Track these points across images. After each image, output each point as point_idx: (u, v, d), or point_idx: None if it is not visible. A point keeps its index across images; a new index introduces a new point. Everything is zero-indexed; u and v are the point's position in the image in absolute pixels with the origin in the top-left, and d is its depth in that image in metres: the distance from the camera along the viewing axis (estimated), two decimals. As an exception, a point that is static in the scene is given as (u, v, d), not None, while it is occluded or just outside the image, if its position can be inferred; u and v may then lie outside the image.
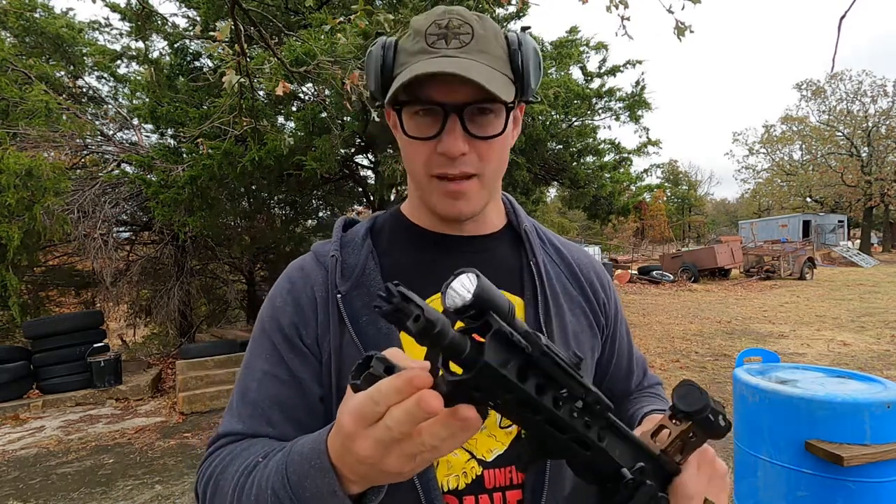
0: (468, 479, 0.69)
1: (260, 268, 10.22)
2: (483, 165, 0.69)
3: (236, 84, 3.26)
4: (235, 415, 0.69)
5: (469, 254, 0.77)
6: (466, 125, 0.66)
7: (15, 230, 5.45)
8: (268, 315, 0.74)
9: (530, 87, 0.71)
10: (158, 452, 4.55)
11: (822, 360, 6.52)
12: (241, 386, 0.71)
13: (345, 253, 0.75)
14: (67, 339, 6.23)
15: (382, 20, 3.19)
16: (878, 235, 34.63)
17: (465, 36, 0.66)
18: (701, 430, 0.55)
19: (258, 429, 0.67)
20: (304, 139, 5.81)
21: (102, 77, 8.74)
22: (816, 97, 35.16)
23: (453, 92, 0.65)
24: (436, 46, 0.66)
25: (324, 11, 6.10)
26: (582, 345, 0.79)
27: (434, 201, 0.72)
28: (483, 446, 0.70)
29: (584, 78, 8.20)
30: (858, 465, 1.83)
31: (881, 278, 16.22)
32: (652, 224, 32.97)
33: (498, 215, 0.82)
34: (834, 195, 33.34)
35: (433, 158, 0.68)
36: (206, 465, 0.65)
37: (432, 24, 0.67)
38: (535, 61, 0.71)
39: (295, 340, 0.71)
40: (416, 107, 0.67)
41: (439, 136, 0.67)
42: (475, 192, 0.71)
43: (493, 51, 0.68)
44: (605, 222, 9.95)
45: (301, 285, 0.74)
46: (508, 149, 0.75)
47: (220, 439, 0.68)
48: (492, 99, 0.65)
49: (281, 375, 0.70)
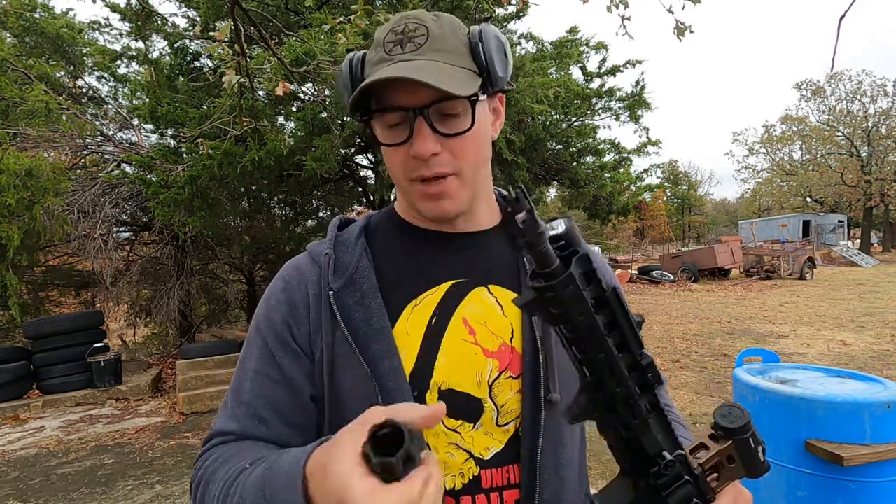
0: (465, 479, 0.69)
1: (260, 268, 10.21)
2: (458, 163, 0.69)
3: (236, 84, 3.26)
4: (230, 414, 0.70)
5: (462, 250, 0.77)
6: (434, 125, 0.67)
7: (15, 230, 5.45)
8: (262, 314, 0.74)
9: (499, 77, 0.70)
10: (158, 452, 4.55)
11: (822, 359, 6.52)
12: (235, 385, 0.72)
13: (339, 251, 0.76)
14: (67, 339, 6.23)
15: (382, 20, 3.19)
16: (878, 235, 34.62)
17: (419, 38, 0.67)
18: (739, 454, 0.54)
19: (251, 428, 0.68)
20: (304, 139, 5.81)
21: (102, 77, 8.73)
22: (816, 97, 35.16)
23: (414, 95, 0.65)
24: (392, 53, 0.67)
25: (324, 11, 6.10)
26: None
27: (418, 205, 0.72)
28: (480, 445, 0.70)
29: (584, 78, 8.20)
30: (858, 465, 1.83)
31: (881, 278, 16.22)
32: (652, 224, 32.96)
33: (491, 211, 0.81)
34: (834, 195, 33.33)
35: (409, 163, 0.69)
36: (198, 466, 0.67)
37: (389, 32, 0.69)
38: (497, 49, 0.70)
39: (287, 339, 0.71)
40: (385, 115, 0.68)
41: (410, 140, 0.67)
42: (455, 189, 0.70)
43: (451, 47, 0.68)
44: (605, 222, 9.95)
45: (295, 284, 0.74)
46: (488, 141, 0.74)
47: (214, 438, 0.69)
48: (448, 96, 0.65)
49: (273, 375, 0.70)
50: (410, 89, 0.65)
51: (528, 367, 0.72)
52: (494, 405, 0.71)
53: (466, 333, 0.72)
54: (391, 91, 0.67)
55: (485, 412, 0.70)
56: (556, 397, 0.71)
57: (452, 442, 0.70)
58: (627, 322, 0.48)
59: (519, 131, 6.44)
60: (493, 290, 0.75)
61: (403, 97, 0.66)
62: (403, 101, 0.66)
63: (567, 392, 0.73)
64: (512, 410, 0.71)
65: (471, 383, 0.70)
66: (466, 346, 0.71)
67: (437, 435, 0.69)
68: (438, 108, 0.67)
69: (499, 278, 0.76)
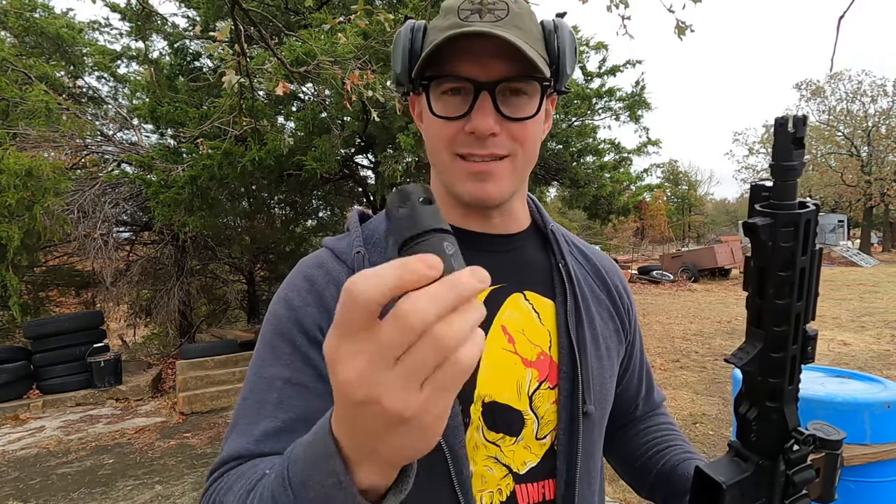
0: (503, 496, 0.66)
1: (260, 268, 10.22)
2: (515, 147, 0.65)
3: (236, 84, 3.26)
4: (245, 433, 0.59)
5: (499, 253, 0.73)
6: (498, 105, 0.62)
7: (15, 230, 5.45)
8: (285, 316, 0.65)
9: (566, 73, 0.67)
10: (158, 452, 4.55)
11: (822, 359, 6.52)
12: (255, 398, 0.62)
13: (370, 251, 0.69)
14: (67, 339, 6.23)
15: (383, 20, 3.19)
16: (878, 235, 34.63)
17: (499, 11, 0.62)
18: (826, 470, 0.52)
19: (278, 448, 0.57)
20: (304, 139, 5.81)
21: (102, 77, 8.74)
22: (816, 97, 35.16)
23: (485, 68, 0.61)
24: (469, 21, 0.61)
25: (324, 11, 6.10)
26: (611, 349, 0.76)
27: (458, 184, 0.66)
28: (518, 458, 0.67)
29: (584, 78, 8.20)
30: (858, 465, 1.83)
31: (881, 278, 16.22)
32: (652, 224, 32.94)
33: (525, 213, 0.77)
34: (834, 195, 33.32)
35: (460, 137, 0.64)
36: (210, 491, 0.57)
37: (465, 0, 0.63)
38: (570, 45, 0.66)
39: (321, 340, 0.61)
40: (445, 84, 0.63)
41: (468, 115, 0.62)
42: (506, 174, 0.65)
43: (529, 28, 0.64)
44: (605, 222, 9.96)
45: (323, 284, 0.66)
46: (540, 140, 0.70)
47: (226, 464, 0.58)
48: (526, 74, 0.61)
49: (306, 382, 0.61)
50: (483, 62, 0.61)
51: (566, 377, 0.69)
52: (535, 417, 0.68)
53: (506, 342, 0.68)
54: (457, 59, 0.61)
55: (526, 425, 0.68)
56: (592, 409, 0.68)
57: (492, 455, 0.66)
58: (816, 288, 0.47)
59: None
60: (529, 297, 0.72)
61: (471, 68, 0.61)
62: (470, 73, 0.61)
63: (600, 403, 0.71)
64: (549, 422, 0.69)
65: (512, 395, 0.67)
66: (507, 355, 0.68)
67: (476, 448, 0.65)
68: (508, 86, 0.62)
69: (533, 284, 0.73)
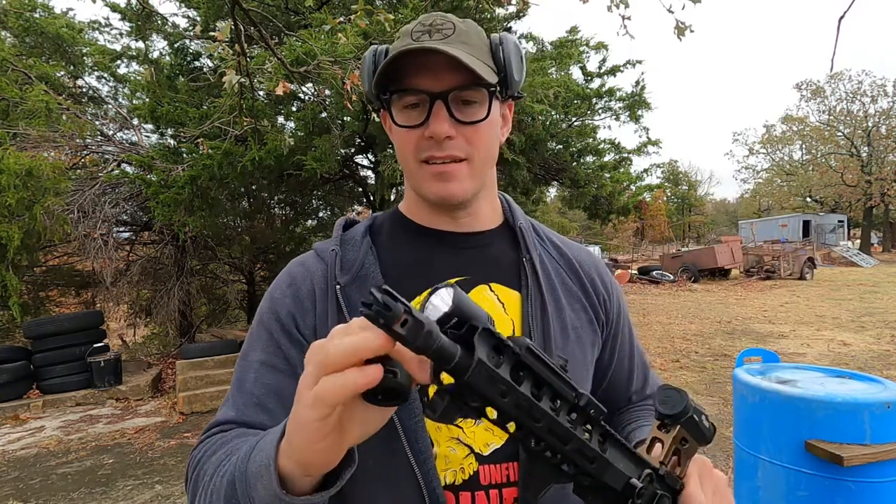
0: (465, 475, 0.70)
1: (260, 268, 10.21)
2: (471, 149, 0.72)
3: (236, 84, 3.26)
4: (231, 405, 0.71)
5: (466, 249, 0.79)
6: (452, 111, 0.69)
7: (15, 230, 5.45)
8: (266, 308, 0.76)
9: (514, 80, 0.73)
10: (158, 452, 4.55)
11: (822, 360, 6.52)
12: (238, 376, 0.73)
13: (345, 249, 0.78)
14: (67, 339, 6.23)
15: (383, 20, 3.19)
16: (878, 235, 34.61)
17: (447, 30, 0.70)
18: (690, 433, 0.55)
19: (254, 417, 0.69)
20: (304, 139, 5.81)
21: (102, 77, 8.72)
22: (816, 97, 35.16)
23: (437, 80, 0.68)
24: (420, 40, 0.69)
25: (324, 11, 6.10)
26: (582, 339, 0.79)
27: (424, 186, 0.74)
28: (480, 440, 0.71)
29: (584, 78, 8.21)
30: (858, 465, 1.83)
31: (881, 278, 16.22)
32: (652, 224, 32.93)
33: (494, 212, 0.83)
34: (834, 195, 33.31)
35: (422, 143, 0.71)
36: (196, 451, 0.67)
37: (417, 24, 0.72)
38: (515, 55, 0.73)
39: (292, 330, 0.72)
40: (405, 97, 0.70)
41: (426, 122, 0.70)
42: (465, 175, 0.72)
43: (475, 43, 0.72)
44: (605, 222, 9.97)
45: (300, 279, 0.76)
46: (497, 141, 0.77)
47: (213, 428, 0.69)
48: (474, 82, 0.68)
49: (277, 364, 0.71)
50: (434, 75, 0.68)
51: None
52: None
53: None
54: (413, 74, 0.69)
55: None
56: None
57: (454, 437, 0.70)
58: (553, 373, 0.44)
59: (519, 131, 6.44)
60: (495, 288, 0.77)
61: (426, 81, 0.69)
62: (424, 85, 0.69)
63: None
64: None
65: None
66: None
67: (438, 429, 0.70)
68: (458, 95, 0.70)
69: (499, 276, 0.78)
